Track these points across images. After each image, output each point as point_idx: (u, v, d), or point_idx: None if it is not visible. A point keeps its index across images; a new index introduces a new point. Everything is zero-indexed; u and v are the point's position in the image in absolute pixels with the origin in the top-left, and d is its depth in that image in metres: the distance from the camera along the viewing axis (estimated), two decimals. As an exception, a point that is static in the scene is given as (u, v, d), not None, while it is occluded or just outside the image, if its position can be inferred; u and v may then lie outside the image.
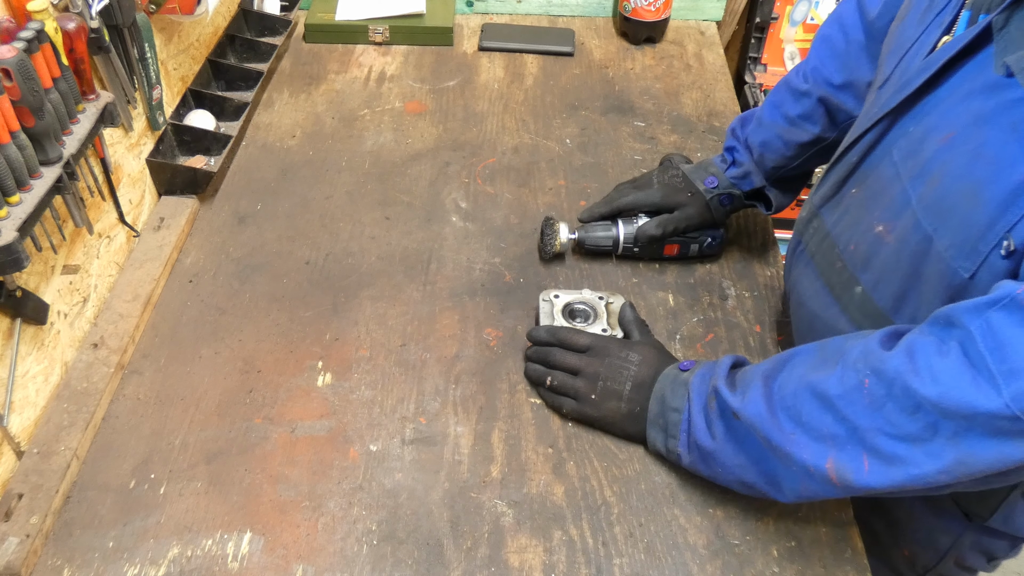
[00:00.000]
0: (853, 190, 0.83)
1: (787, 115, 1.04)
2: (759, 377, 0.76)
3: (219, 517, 0.84)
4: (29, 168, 0.82)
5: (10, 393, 0.85)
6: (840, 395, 0.68)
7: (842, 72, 0.99)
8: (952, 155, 0.68)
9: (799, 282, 0.92)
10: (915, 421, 0.63)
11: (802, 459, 0.69)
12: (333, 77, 1.46)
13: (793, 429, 0.71)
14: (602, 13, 1.65)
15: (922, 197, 0.71)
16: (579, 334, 0.93)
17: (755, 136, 1.07)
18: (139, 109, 1.12)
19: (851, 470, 0.67)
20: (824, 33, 1.03)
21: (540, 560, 0.81)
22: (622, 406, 0.88)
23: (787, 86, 1.05)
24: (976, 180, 0.65)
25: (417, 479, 0.87)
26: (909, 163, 0.74)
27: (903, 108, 0.76)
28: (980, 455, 0.61)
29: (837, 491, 0.70)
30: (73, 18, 0.90)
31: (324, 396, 0.95)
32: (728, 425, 0.78)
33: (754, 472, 0.77)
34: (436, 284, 1.09)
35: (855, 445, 0.67)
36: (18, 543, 0.79)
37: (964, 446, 0.61)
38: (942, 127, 0.70)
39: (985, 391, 0.59)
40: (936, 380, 0.62)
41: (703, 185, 1.07)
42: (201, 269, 1.10)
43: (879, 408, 0.65)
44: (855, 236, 0.81)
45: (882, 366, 0.66)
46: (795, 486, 0.74)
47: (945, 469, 0.63)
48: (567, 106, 1.41)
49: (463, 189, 1.24)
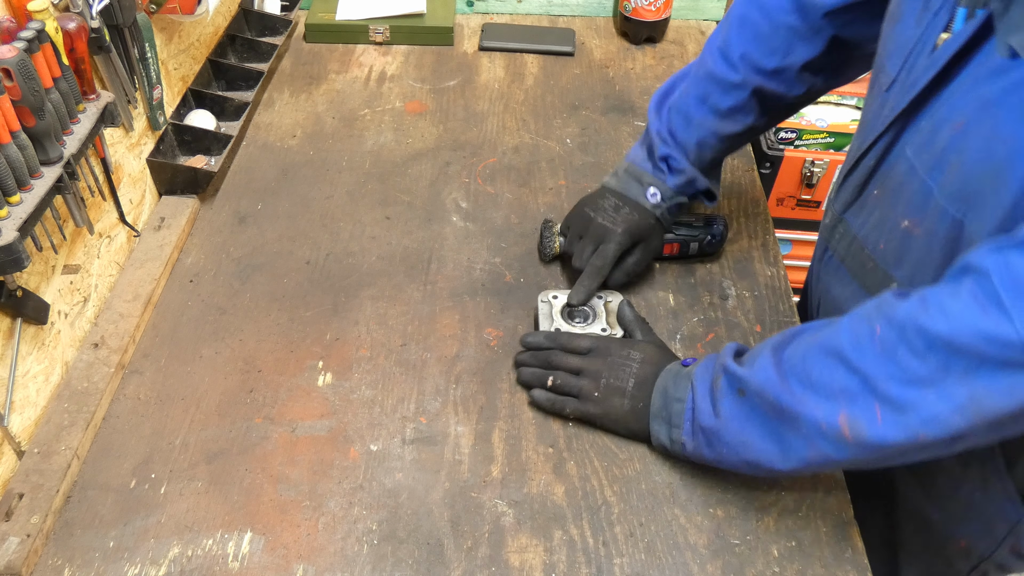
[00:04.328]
0: (875, 192, 0.83)
1: (717, 108, 1.00)
2: (768, 348, 0.77)
3: (219, 517, 0.84)
4: (30, 168, 0.82)
5: (11, 393, 0.85)
6: (851, 345, 0.68)
7: (772, 57, 0.96)
8: (967, 142, 0.69)
9: (831, 288, 0.92)
10: (926, 363, 0.63)
11: (814, 418, 0.69)
12: (333, 77, 1.46)
13: (804, 391, 0.71)
14: (602, 13, 1.65)
15: (943, 186, 0.72)
16: (580, 337, 0.93)
17: (687, 135, 1.02)
18: (139, 109, 1.12)
19: (864, 423, 0.67)
20: (741, 14, 0.98)
21: (540, 560, 0.81)
22: (625, 403, 0.88)
23: (711, 77, 1.00)
24: (997, 162, 0.66)
25: (417, 479, 0.87)
26: (923, 156, 0.74)
27: (913, 108, 0.76)
28: (992, 391, 0.61)
29: (849, 449, 0.69)
30: (74, 18, 0.90)
31: (324, 396, 0.95)
32: (734, 401, 0.78)
33: (760, 446, 0.76)
34: (436, 284, 1.09)
35: (867, 396, 0.67)
36: (19, 543, 0.79)
37: (976, 383, 0.61)
38: (953, 118, 0.71)
39: (996, 320, 0.59)
40: (948, 316, 0.62)
41: (647, 201, 1.02)
42: (202, 269, 1.10)
43: (891, 355, 0.65)
44: (883, 235, 0.82)
45: (893, 312, 0.66)
46: (803, 452, 0.72)
47: (958, 408, 0.63)
48: (567, 106, 1.41)
49: (463, 189, 1.24)
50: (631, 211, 1.02)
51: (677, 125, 1.03)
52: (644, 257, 1.04)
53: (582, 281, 1.01)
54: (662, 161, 1.03)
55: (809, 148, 1.74)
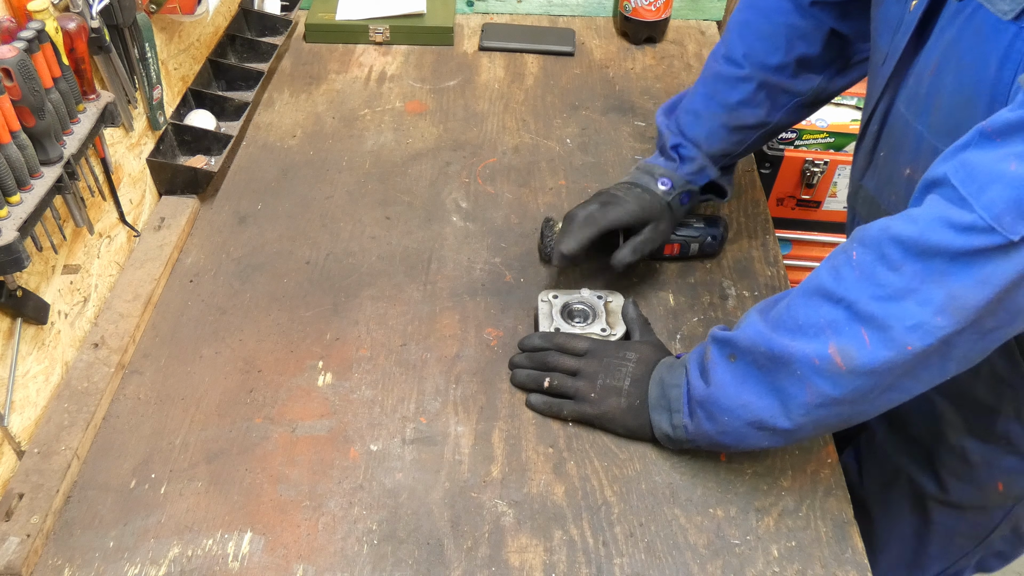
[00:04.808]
0: (882, 153, 0.88)
1: (726, 103, 1.03)
2: (754, 311, 0.80)
3: (219, 517, 0.84)
4: (30, 168, 0.82)
5: (11, 393, 0.85)
6: (831, 277, 0.72)
7: (776, 54, 1.00)
8: (941, 82, 0.75)
9: None
10: (902, 274, 0.66)
11: (806, 355, 0.71)
12: (333, 77, 1.46)
13: (792, 335, 0.73)
14: (602, 13, 1.65)
15: (931, 126, 0.77)
16: (576, 339, 0.94)
17: (695, 130, 1.05)
18: (139, 109, 1.12)
19: (854, 348, 0.69)
20: (741, 20, 1.03)
21: (540, 560, 0.81)
22: (622, 401, 0.88)
23: (718, 77, 1.04)
24: (967, 91, 0.71)
25: (417, 479, 0.87)
26: (912, 106, 0.80)
27: (899, 70, 0.82)
28: (967, 285, 0.64)
29: (845, 380, 0.70)
30: (74, 18, 0.90)
31: (324, 396, 0.95)
32: (727, 367, 0.79)
33: (760, 404, 0.76)
34: (436, 284, 1.09)
35: (852, 323, 0.69)
36: (19, 543, 0.79)
37: (951, 281, 0.64)
38: (927, 65, 0.77)
39: (959, 212, 0.63)
40: (915, 221, 0.66)
41: (658, 188, 1.04)
42: (202, 269, 1.10)
43: (869, 274, 0.68)
44: (892, 188, 0.87)
45: (866, 233, 0.70)
46: (802, 396, 0.73)
47: (939, 310, 0.65)
48: (567, 106, 1.41)
49: (463, 189, 1.24)
50: (642, 191, 1.04)
51: (686, 122, 1.06)
52: (654, 237, 1.03)
53: (573, 230, 0.99)
54: (672, 150, 1.06)
55: (809, 148, 1.74)
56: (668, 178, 1.04)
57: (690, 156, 1.05)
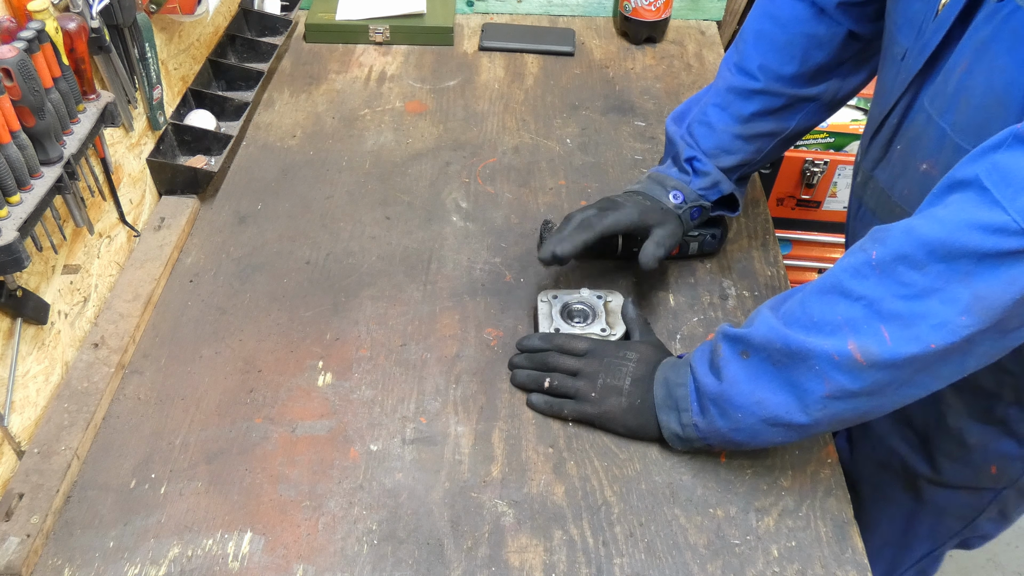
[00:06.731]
0: (899, 147, 0.87)
1: (740, 115, 1.02)
2: (765, 308, 0.80)
3: (219, 517, 0.84)
4: (30, 168, 0.82)
5: (10, 393, 0.85)
6: (849, 276, 0.71)
7: (791, 64, 1.00)
8: (971, 81, 0.74)
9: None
10: (927, 274, 0.66)
11: (824, 351, 0.71)
12: (333, 77, 1.46)
13: (808, 332, 0.72)
14: (602, 13, 1.65)
15: (955, 124, 0.77)
16: (576, 339, 0.94)
17: (708, 141, 1.03)
18: (139, 109, 1.12)
19: (874, 344, 0.68)
20: (756, 29, 1.02)
21: (540, 560, 0.81)
22: (623, 401, 0.88)
23: (731, 90, 1.03)
24: (997, 92, 0.70)
25: (417, 479, 0.87)
26: (937, 103, 0.79)
27: (927, 68, 0.81)
28: (993, 286, 0.63)
29: (865, 374, 0.70)
30: (74, 18, 0.90)
31: (324, 396, 0.95)
32: (740, 364, 0.78)
33: (775, 400, 0.76)
34: (436, 284, 1.09)
35: (871, 320, 0.69)
36: (19, 543, 0.79)
37: (977, 282, 0.64)
38: (958, 63, 0.76)
39: (990, 212, 0.62)
40: (942, 222, 0.65)
41: (671, 201, 1.02)
42: (202, 269, 1.10)
43: (890, 274, 0.68)
44: (905, 182, 0.86)
45: (886, 235, 0.69)
46: (820, 390, 0.73)
47: (964, 309, 0.64)
48: (567, 106, 1.41)
49: (463, 189, 1.24)
50: (650, 203, 1.02)
51: (700, 133, 1.04)
52: (673, 234, 1.01)
53: (569, 232, 0.97)
54: (687, 163, 1.04)
55: (809, 148, 1.74)
56: (680, 191, 1.03)
57: (704, 170, 1.03)
